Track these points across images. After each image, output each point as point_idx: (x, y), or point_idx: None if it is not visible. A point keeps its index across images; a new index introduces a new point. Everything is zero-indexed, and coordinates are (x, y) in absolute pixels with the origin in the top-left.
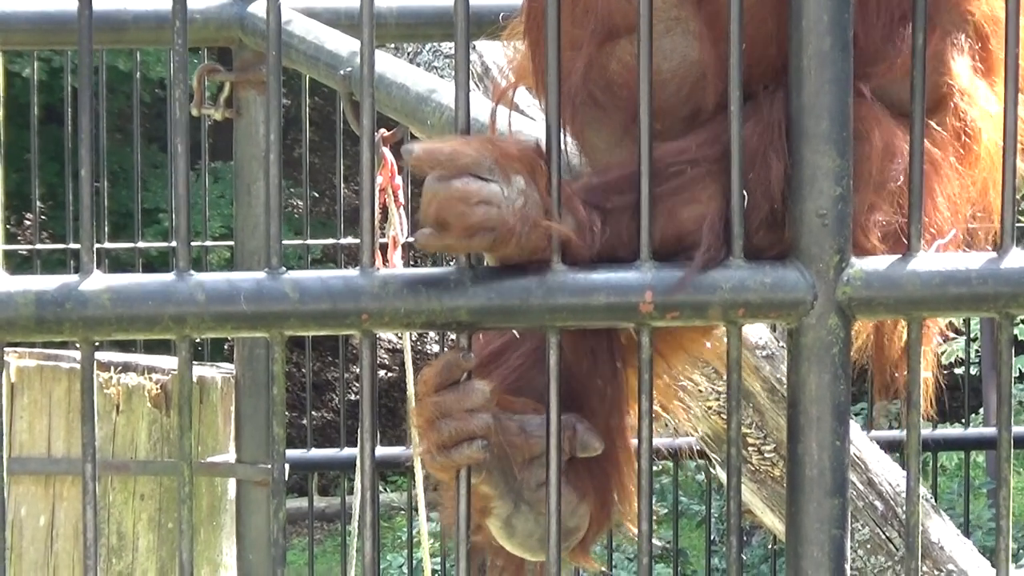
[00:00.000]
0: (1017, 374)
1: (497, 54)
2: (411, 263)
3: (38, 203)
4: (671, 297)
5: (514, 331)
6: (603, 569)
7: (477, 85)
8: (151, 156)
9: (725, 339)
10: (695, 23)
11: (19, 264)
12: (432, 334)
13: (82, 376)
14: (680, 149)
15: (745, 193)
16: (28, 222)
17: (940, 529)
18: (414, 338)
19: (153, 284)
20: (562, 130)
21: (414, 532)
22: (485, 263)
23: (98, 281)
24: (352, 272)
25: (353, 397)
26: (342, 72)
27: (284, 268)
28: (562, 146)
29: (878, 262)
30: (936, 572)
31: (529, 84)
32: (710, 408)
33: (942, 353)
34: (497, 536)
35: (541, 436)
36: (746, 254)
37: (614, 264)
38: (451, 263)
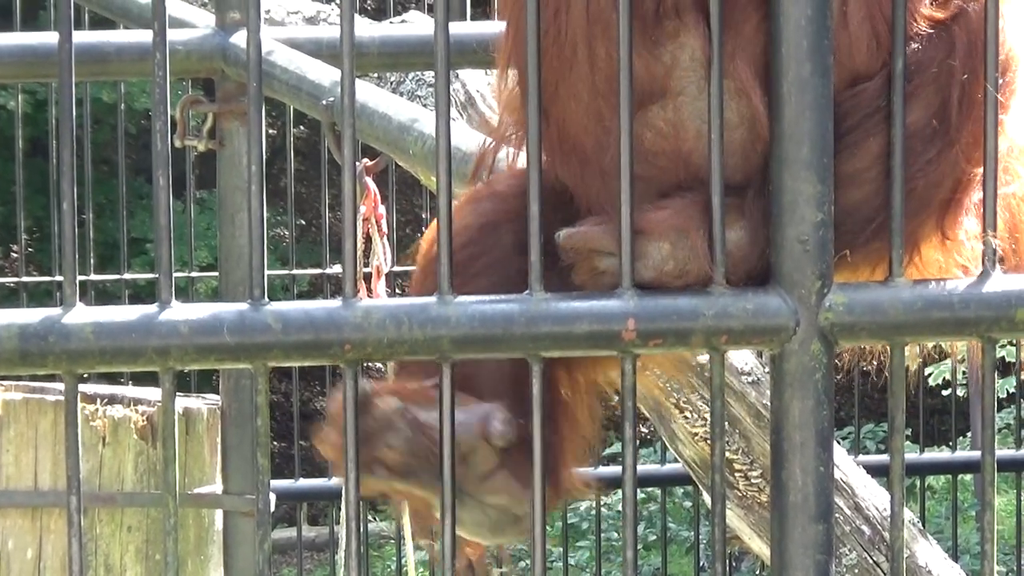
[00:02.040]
0: (1004, 395)
1: (480, 82)
2: (395, 292)
3: (24, 236)
4: (653, 324)
5: None
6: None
7: (460, 114)
8: (137, 187)
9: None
10: (730, 80)
11: (6, 296)
12: None
13: (66, 409)
14: None
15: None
16: (15, 255)
17: (927, 553)
18: None
19: (136, 316)
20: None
21: (403, 561)
22: None
23: (81, 314)
24: (335, 303)
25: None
26: (324, 102)
27: (267, 299)
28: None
29: (860, 287)
30: None
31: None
32: (696, 434)
33: (929, 375)
34: None
35: (468, 432)
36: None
37: (595, 292)
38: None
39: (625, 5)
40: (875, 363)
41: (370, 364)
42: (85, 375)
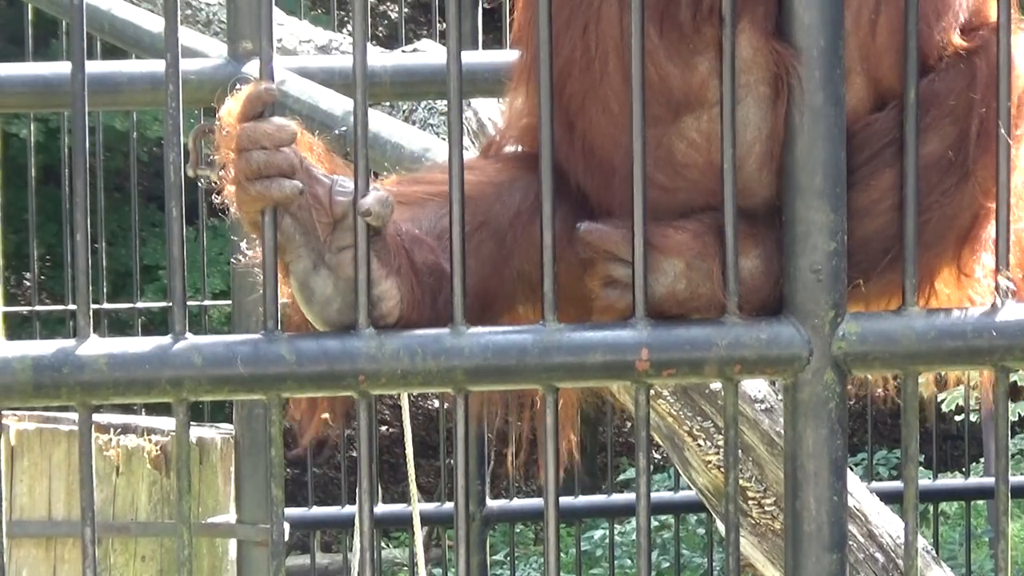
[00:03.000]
0: (1015, 418)
1: (492, 111)
2: None
3: (37, 263)
4: (667, 354)
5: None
6: None
7: (472, 142)
8: (150, 215)
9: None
10: (766, 86)
11: (19, 324)
12: None
13: (80, 440)
14: None
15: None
16: (27, 283)
17: None
18: (415, 394)
19: (150, 348)
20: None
21: None
22: None
23: (95, 345)
24: (348, 334)
25: (355, 453)
26: (337, 131)
27: (280, 330)
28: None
29: (873, 317)
30: None
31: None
32: (709, 462)
33: (942, 401)
34: (298, 300)
35: (347, 199)
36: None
37: (609, 322)
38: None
39: (637, 21)
40: (888, 389)
41: None
42: (97, 406)
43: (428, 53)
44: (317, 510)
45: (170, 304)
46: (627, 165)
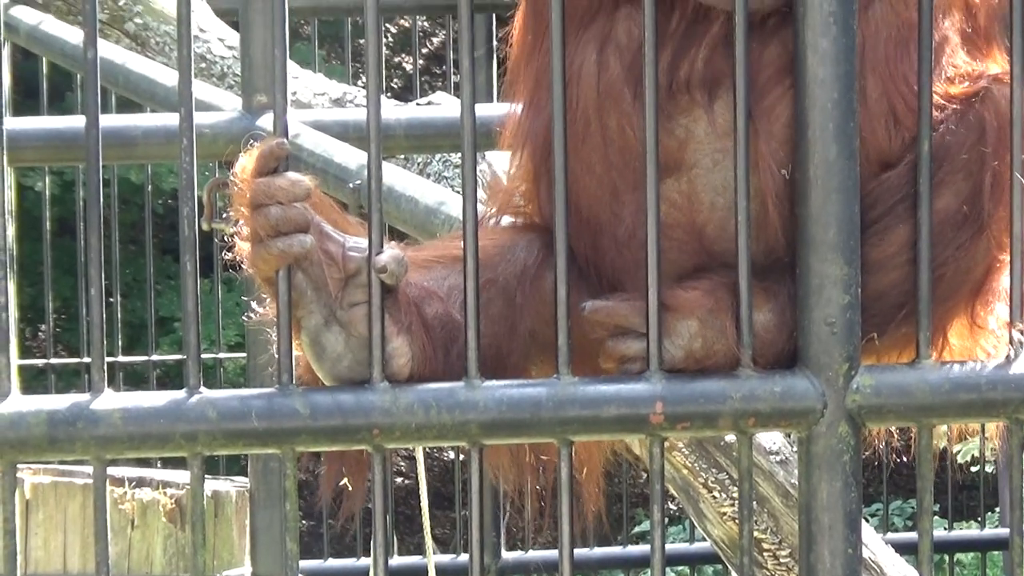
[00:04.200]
0: None
1: (506, 163)
2: None
3: (52, 316)
4: (681, 407)
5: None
6: None
7: (487, 195)
8: (165, 267)
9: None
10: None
11: (34, 376)
12: None
13: (94, 495)
14: None
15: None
16: (42, 335)
17: None
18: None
19: (164, 402)
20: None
21: None
22: None
23: (109, 400)
24: (363, 387)
25: (370, 505)
26: (351, 185)
27: (295, 384)
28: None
29: (887, 369)
30: None
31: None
32: (724, 514)
33: (958, 452)
34: (308, 356)
35: (360, 255)
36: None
37: (623, 376)
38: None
39: (651, 88)
40: (899, 439)
41: None
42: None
43: (442, 106)
44: (332, 562)
45: (185, 357)
46: (613, 225)
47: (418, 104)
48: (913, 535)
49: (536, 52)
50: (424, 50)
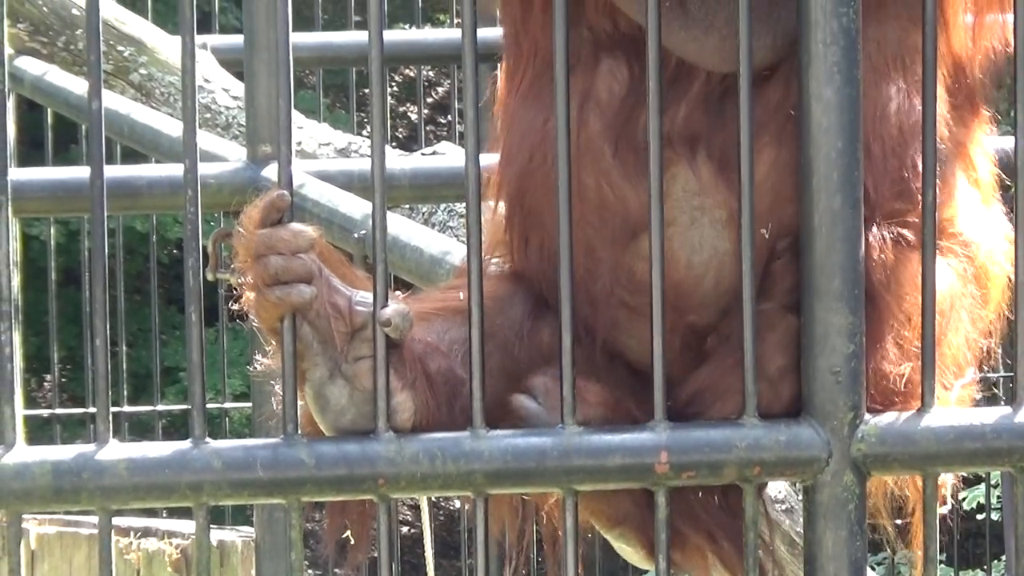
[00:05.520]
0: None
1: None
2: None
3: (58, 366)
4: (686, 456)
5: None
6: None
7: None
8: (170, 317)
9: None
10: (722, 210)
11: (40, 427)
12: None
13: (100, 545)
14: None
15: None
16: (47, 385)
17: None
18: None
19: (169, 452)
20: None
21: None
22: None
23: (115, 450)
24: (368, 437)
25: (376, 555)
26: (356, 235)
27: (300, 434)
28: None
29: (892, 418)
30: None
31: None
32: None
33: (963, 499)
34: (311, 408)
35: (367, 310)
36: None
37: (628, 425)
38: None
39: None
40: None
41: None
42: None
43: (447, 155)
44: None
45: (190, 407)
46: (588, 282)
47: (423, 154)
48: None
49: (510, 99)
50: (429, 100)
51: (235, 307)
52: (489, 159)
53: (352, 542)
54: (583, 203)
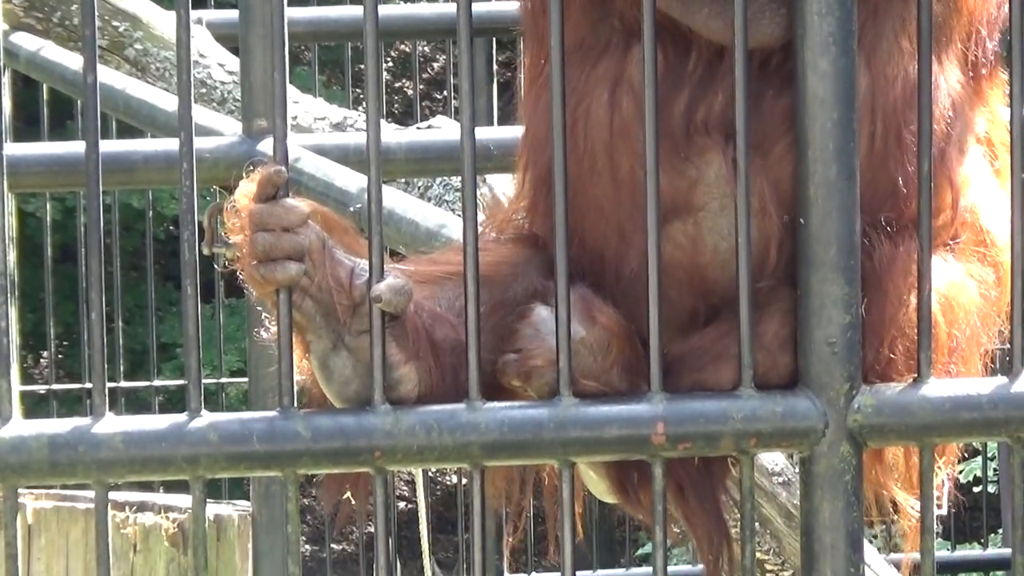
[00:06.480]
0: None
1: (507, 186)
2: None
3: (54, 342)
4: (682, 428)
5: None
6: None
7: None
8: (167, 293)
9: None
10: (754, 197)
11: (36, 403)
12: None
13: (96, 518)
14: None
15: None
16: (44, 361)
17: None
18: (432, 470)
19: (166, 426)
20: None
21: None
22: None
23: (111, 424)
24: (364, 410)
25: (372, 529)
26: (352, 209)
27: (296, 407)
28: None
29: (888, 389)
30: None
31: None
32: None
33: (960, 472)
34: (317, 378)
35: (362, 282)
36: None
37: (625, 396)
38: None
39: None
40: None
41: None
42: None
43: (443, 129)
44: None
45: (187, 382)
46: (618, 264)
47: (418, 128)
48: (916, 556)
49: (537, 79)
50: (424, 75)
51: (232, 281)
52: (494, 133)
53: (351, 505)
54: (617, 185)
